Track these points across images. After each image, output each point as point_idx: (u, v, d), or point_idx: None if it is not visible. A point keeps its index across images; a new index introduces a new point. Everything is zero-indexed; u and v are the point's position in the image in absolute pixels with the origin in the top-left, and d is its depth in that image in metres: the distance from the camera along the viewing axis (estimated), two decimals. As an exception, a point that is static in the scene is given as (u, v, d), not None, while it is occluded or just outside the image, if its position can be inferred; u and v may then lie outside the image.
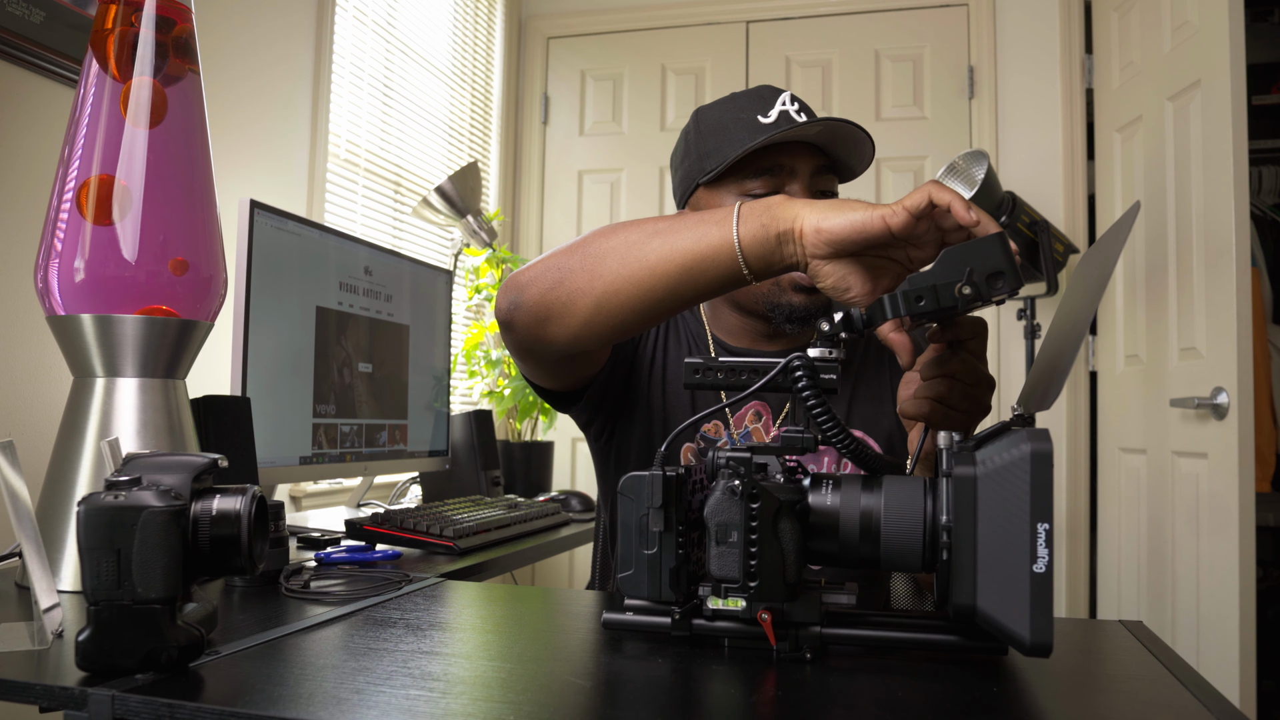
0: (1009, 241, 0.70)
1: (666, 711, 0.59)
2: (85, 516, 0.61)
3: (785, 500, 0.65)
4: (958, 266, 0.70)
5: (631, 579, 0.69)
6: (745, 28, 3.10)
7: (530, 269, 0.93)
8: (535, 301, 0.91)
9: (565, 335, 0.91)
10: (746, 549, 0.65)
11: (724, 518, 0.65)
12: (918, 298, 0.70)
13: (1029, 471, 0.59)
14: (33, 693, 0.60)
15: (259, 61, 1.94)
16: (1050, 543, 0.58)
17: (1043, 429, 0.60)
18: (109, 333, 0.93)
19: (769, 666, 0.66)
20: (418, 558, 1.22)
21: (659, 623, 0.72)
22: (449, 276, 1.91)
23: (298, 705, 0.56)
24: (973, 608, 0.60)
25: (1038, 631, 0.58)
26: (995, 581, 0.59)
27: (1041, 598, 0.58)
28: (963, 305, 0.70)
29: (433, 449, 1.84)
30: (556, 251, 0.91)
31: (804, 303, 1.12)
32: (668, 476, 0.68)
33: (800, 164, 1.11)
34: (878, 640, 0.69)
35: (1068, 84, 2.81)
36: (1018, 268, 0.70)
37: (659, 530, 0.68)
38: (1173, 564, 2.14)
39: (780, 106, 1.11)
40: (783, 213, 0.79)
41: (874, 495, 0.66)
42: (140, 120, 0.94)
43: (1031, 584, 0.58)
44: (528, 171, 3.22)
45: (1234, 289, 1.91)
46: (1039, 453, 0.58)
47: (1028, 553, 0.58)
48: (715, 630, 0.70)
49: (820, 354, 0.71)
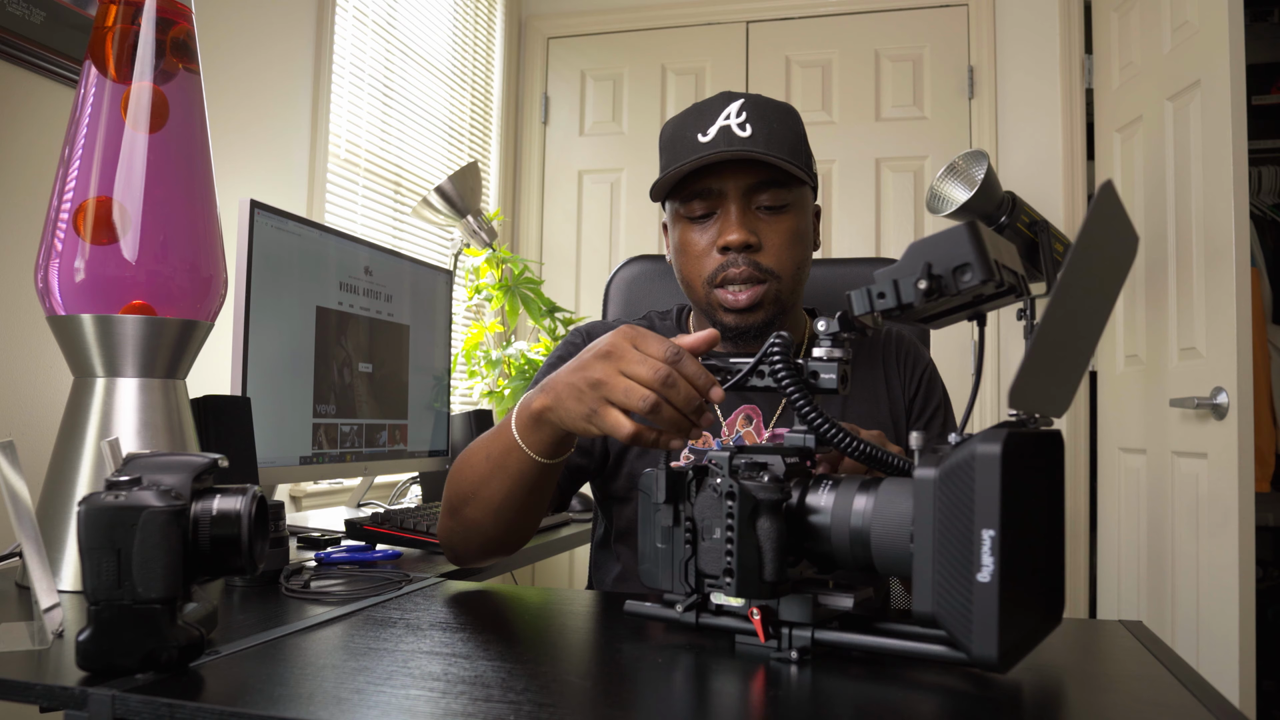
0: (979, 230, 0.64)
1: (667, 711, 0.59)
2: (85, 516, 0.61)
3: (765, 500, 0.66)
4: (919, 259, 0.65)
5: (648, 570, 0.72)
6: (745, 28, 3.10)
7: (440, 525, 1.03)
8: (455, 549, 1.03)
9: (484, 554, 1.02)
10: (725, 545, 0.66)
11: (707, 515, 0.68)
12: (879, 293, 0.67)
13: (973, 474, 0.55)
14: (33, 693, 0.60)
15: (259, 61, 1.94)
16: (997, 550, 0.54)
17: (998, 430, 0.56)
18: (109, 333, 0.93)
19: (759, 667, 0.66)
20: (418, 558, 1.22)
21: (673, 614, 0.74)
22: (449, 276, 1.91)
23: (298, 705, 0.56)
24: (931, 615, 0.58)
25: (980, 645, 0.55)
26: (947, 589, 0.56)
27: (985, 609, 0.54)
28: (921, 300, 0.65)
29: (433, 449, 1.84)
30: (443, 507, 1.02)
31: (734, 322, 1.14)
32: (672, 472, 0.70)
33: (730, 185, 1.11)
34: (865, 646, 0.67)
35: (1068, 84, 2.81)
36: (988, 257, 0.63)
37: (668, 525, 0.70)
38: (1173, 564, 2.14)
39: (722, 121, 1.12)
40: (527, 401, 0.89)
41: (868, 497, 0.65)
42: (140, 125, 0.94)
43: (974, 594, 0.55)
44: (528, 171, 3.22)
45: (1234, 289, 1.91)
46: (984, 455, 0.55)
47: (972, 561, 0.55)
48: (720, 625, 0.72)
49: (824, 353, 0.71)
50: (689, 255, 1.15)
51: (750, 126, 1.10)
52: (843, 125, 3.01)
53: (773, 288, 1.12)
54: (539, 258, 3.18)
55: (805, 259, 1.16)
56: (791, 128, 1.13)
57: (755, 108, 1.12)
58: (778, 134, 1.11)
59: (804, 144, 1.16)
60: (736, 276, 1.11)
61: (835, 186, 3.00)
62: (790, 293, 1.15)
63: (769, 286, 1.12)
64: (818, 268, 1.60)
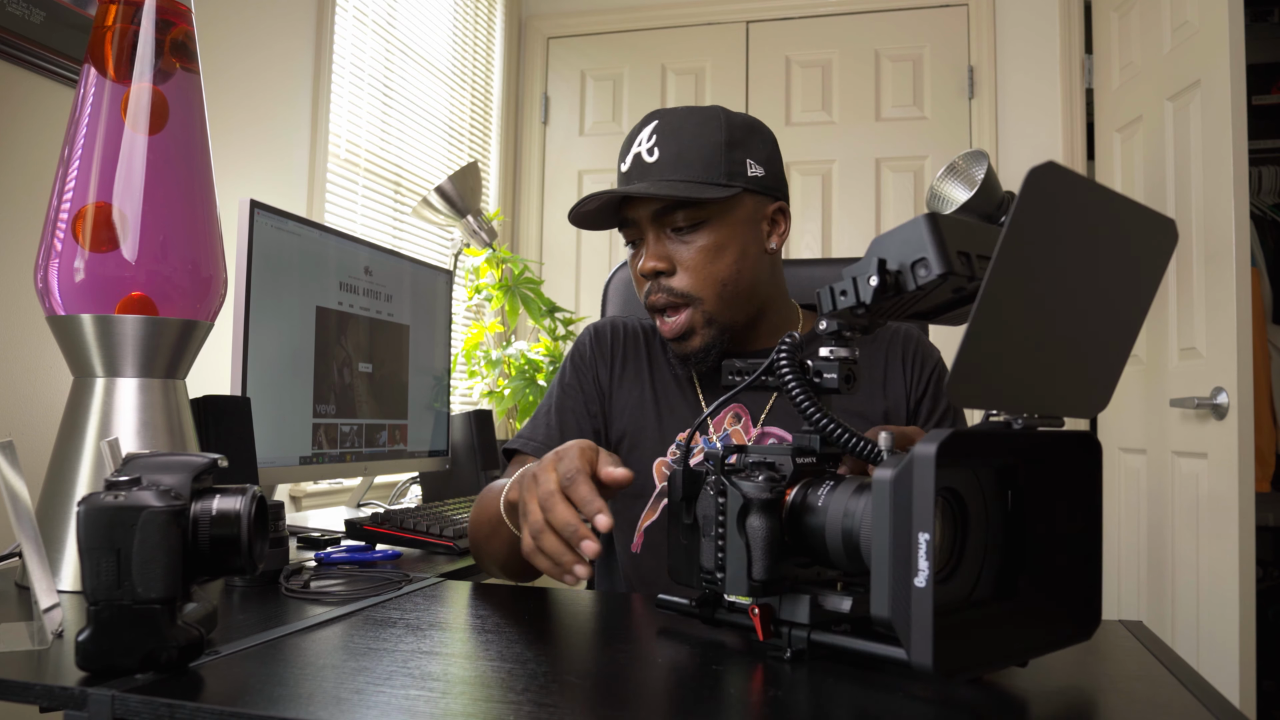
0: (938, 222, 0.61)
1: (667, 711, 0.59)
2: (85, 516, 0.61)
3: (755, 498, 0.66)
4: (875, 256, 0.64)
5: (674, 566, 0.75)
6: (745, 28, 3.10)
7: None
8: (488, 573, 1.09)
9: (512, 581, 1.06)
10: (716, 542, 0.68)
11: (705, 513, 0.69)
12: (841, 290, 0.66)
13: (912, 476, 0.53)
14: (33, 693, 0.60)
15: (259, 61, 1.94)
16: (931, 555, 0.52)
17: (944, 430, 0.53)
18: (109, 333, 0.93)
19: (758, 666, 0.66)
20: (418, 558, 1.22)
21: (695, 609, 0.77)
22: (449, 276, 1.91)
23: (298, 705, 0.56)
24: (886, 619, 0.55)
25: (917, 651, 0.53)
26: (896, 594, 0.54)
27: (921, 614, 0.52)
28: (875, 298, 0.63)
29: (433, 449, 1.84)
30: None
31: (676, 350, 1.16)
32: (689, 470, 0.72)
33: (641, 213, 1.12)
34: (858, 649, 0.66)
35: (1068, 84, 2.81)
36: (947, 250, 0.60)
37: (688, 522, 0.72)
38: (1173, 564, 2.14)
39: (636, 148, 1.13)
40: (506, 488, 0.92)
41: (863, 498, 0.64)
42: (140, 127, 0.94)
43: (912, 599, 0.53)
44: (528, 171, 3.22)
45: (1234, 289, 1.91)
46: (920, 456, 0.52)
47: (910, 565, 0.53)
48: (731, 621, 0.74)
49: (829, 352, 0.71)
50: (634, 281, 1.18)
51: (658, 150, 1.10)
52: (843, 125, 3.01)
53: (697, 311, 1.11)
54: (539, 258, 3.18)
55: (732, 273, 1.11)
56: (707, 138, 1.10)
57: (666, 128, 1.11)
58: (689, 150, 1.09)
59: (725, 151, 1.10)
60: (656, 304, 1.13)
61: (835, 186, 3.00)
62: (724, 310, 1.12)
63: (692, 312, 1.11)
64: (818, 268, 1.60)
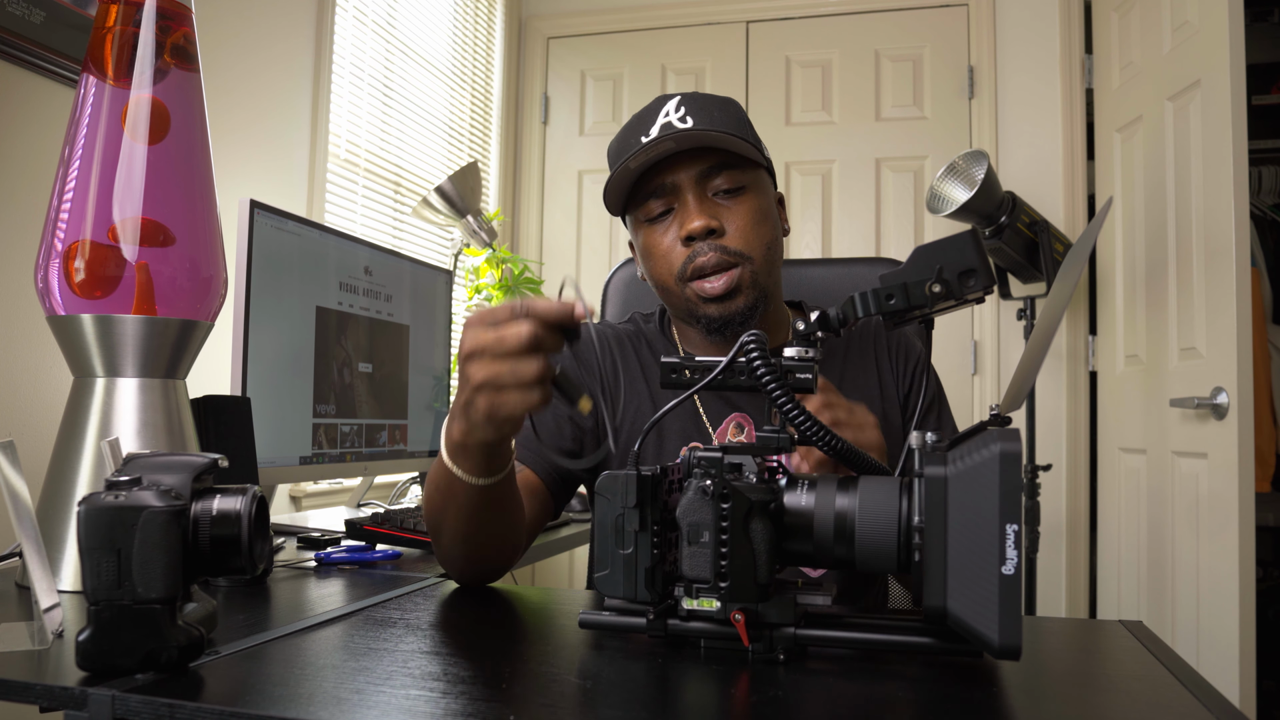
0: (980, 238, 0.70)
1: (667, 712, 0.59)
2: (85, 516, 0.61)
3: (757, 500, 0.65)
4: (928, 264, 0.70)
5: (608, 578, 0.68)
6: (745, 28, 3.11)
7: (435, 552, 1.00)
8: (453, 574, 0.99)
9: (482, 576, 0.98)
10: (718, 549, 0.65)
11: (695, 518, 0.65)
12: (888, 295, 0.71)
13: (998, 472, 0.58)
14: (33, 693, 0.60)
15: (259, 61, 1.94)
16: (1020, 544, 0.58)
17: (1013, 429, 0.60)
18: (109, 333, 0.93)
19: (746, 668, 0.66)
20: (418, 558, 1.22)
21: (634, 623, 0.71)
22: (449, 276, 1.91)
23: (298, 705, 0.56)
24: (944, 609, 0.60)
25: (1006, 634, 0.57)
26: (964, 583, 0.59)
27: (1010, 600, 0.57)
28: (932, 303, 0.70)
29: (433, 449, 1.84)
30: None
31: (717, 313, 1.10)
32: (642, 476, 0.68)
33: (682, 176, 1.09)
34: (852, 642, 0.68)
35: (1068, 84, 2.81)
36: (990, 266, 0.70)
37: (634, 530, 0.67)
38: (1173, 564, 2.14)
39: (663, 119, 1.09)
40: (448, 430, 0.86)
41: (849, 496, 0.66)
42: (140, 135, 0.94)
43: (1000, 586, 0.58)
44: (528, 171, 3.22)
45: (1234, 289, 1.91)
46: (1008, 453, 0.58)
47: (996, 554, 0.58)
48: (690, 631, 0.70)
49: (797, 353, 0.71)
50: (656, 257, 1.12)
51: (691, 118, 1.08)
52: (843, 125, 3.01)
53: (746, 270, 1.09)
54: (539, 258, 3.18)
55: (774, 239, 1.12)
56: (734, 114, 1.11)
57: (693, 101, 1.10)
58: (720, 121, 1.09)
59: (750, 129, 1.13)
60: (706, 265, 1.07)
61: (835, 186, 3.00)
62: (766, 275, 1.11)
63: (742, 270, 1.08)
64: (818, 268, 1.60)
